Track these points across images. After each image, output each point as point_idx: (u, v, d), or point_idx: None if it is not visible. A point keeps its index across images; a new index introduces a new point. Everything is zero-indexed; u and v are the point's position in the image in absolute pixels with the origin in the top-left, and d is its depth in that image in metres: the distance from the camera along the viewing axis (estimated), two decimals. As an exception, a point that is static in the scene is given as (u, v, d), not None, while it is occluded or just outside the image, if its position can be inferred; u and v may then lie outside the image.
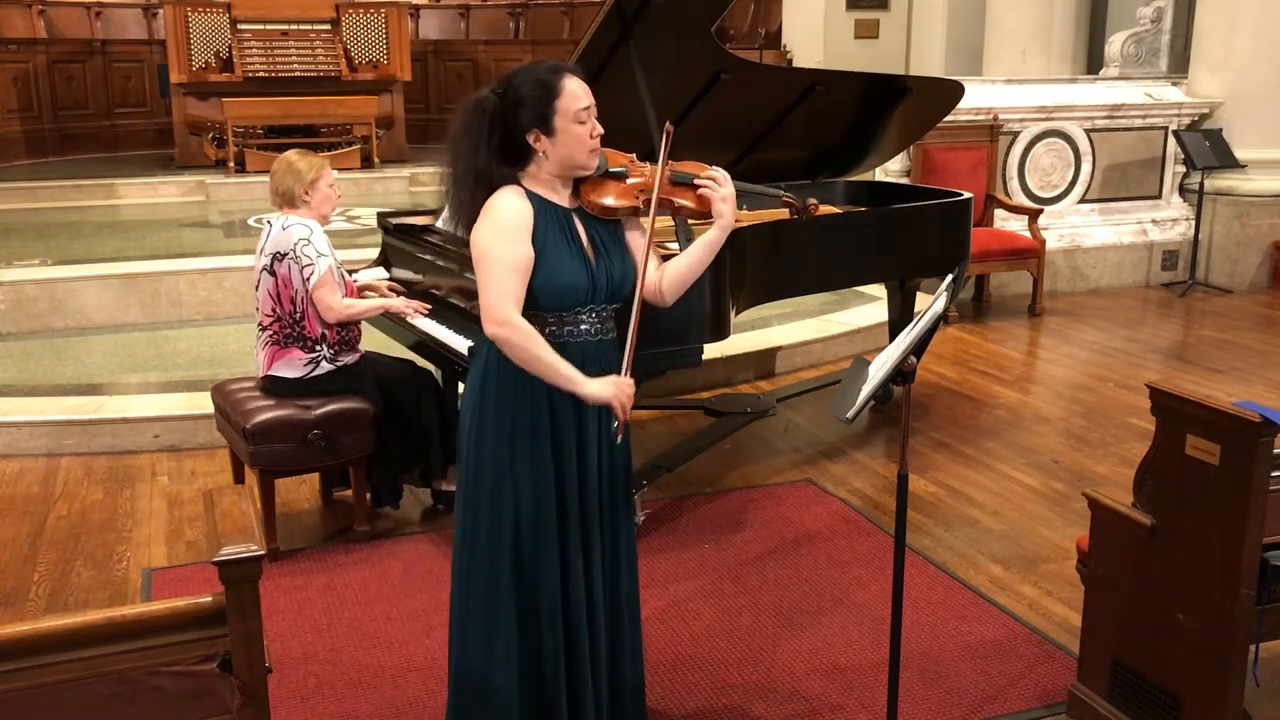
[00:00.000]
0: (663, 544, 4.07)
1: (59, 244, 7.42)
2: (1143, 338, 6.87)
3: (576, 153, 2.51)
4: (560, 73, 2.50)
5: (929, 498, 4.51)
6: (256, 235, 7.90)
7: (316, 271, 3.92)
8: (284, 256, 3.93)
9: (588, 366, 2.56)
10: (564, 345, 2.55)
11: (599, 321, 2.61)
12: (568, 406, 2.57)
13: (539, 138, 2.49)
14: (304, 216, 4.00)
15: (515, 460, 2.55)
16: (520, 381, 2.53)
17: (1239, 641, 2.62)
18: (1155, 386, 2.75)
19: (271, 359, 4.02)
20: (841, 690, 3.19)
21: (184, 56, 9.94)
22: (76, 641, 1.71)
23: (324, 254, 3.95)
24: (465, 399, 2.66)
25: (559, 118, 2.47)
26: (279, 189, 4.02)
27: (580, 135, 2.50)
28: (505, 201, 2.50)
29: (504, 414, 2.55)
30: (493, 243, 2.47)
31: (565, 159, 2.52)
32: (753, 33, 11.66)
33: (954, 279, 3.00)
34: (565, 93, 2.47)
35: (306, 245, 3.92)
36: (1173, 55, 8.78)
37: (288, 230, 3.95)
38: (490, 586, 2.59)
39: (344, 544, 4.10)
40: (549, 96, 2.47)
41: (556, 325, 2.55)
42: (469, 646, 2.64)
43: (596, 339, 2.60)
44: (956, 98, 5.24)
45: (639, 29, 3.93)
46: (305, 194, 3.99)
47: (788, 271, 4.43)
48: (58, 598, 3.73)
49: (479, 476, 2.59)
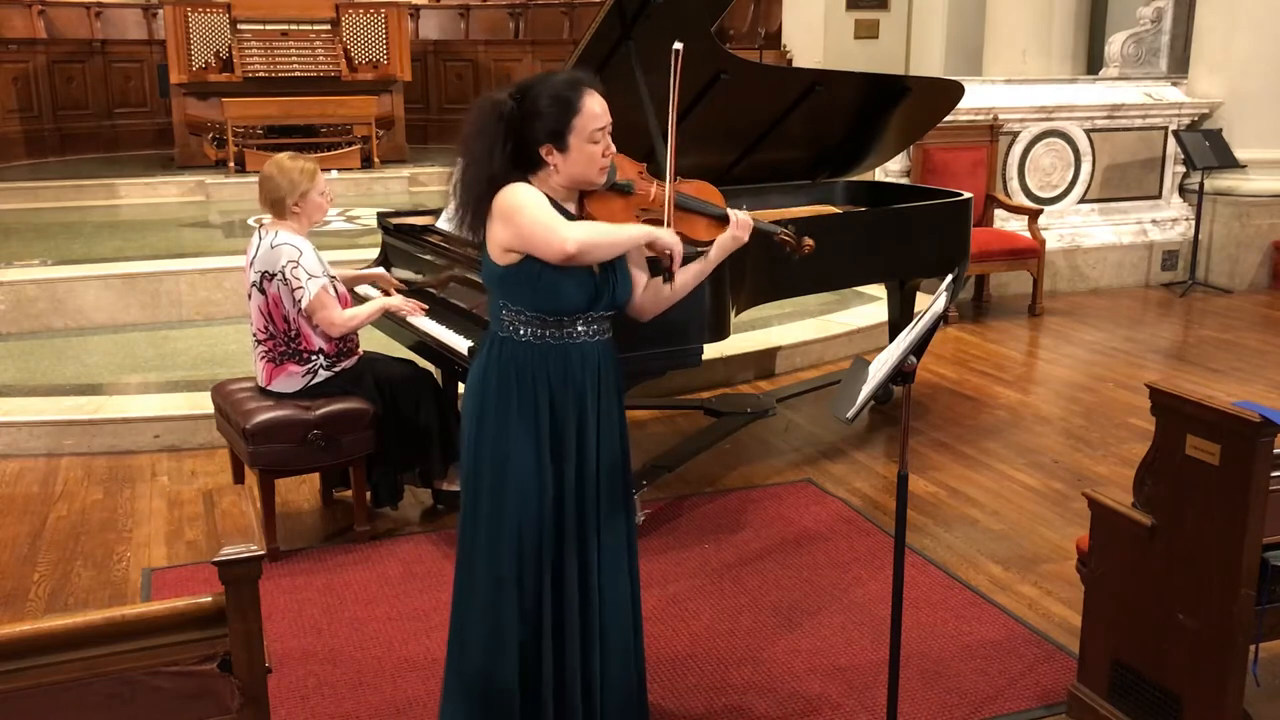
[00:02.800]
0: (663, 544, 4.06)
1: (59, 244, 7.42)
2: (1143, 338, 6.87)
3: (587, 170, 2.53)
4: (580, 89, 2.49)
5: (929, 498, 4.51)
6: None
7: (307, 294, 3.87)
8: (273, 277, 3.90)
9: (585, 362, 2.58)
10: (563, 347, 2.56)
11: (596, 323, 2.62)
12: (569, 401, 2.58)
13: (551, 152, 2.49)
14: (292, 231, 3.93)
15: (518, 454, 2.56)
16: (522, 377, 2.55)
17: (1239, 641, 2.62)
18: (1155, 386, 2.75)
19: (270, 376, 4.02)
20: (841, 690, 3.19)
21: (184, 56, 9.94)
22: (76, 641, 1.71)
23: (315, 275, 3.89)
24: (467, 394, 2.67)
25: (574, 136, 2.47)
26: (269, 197, 3.94)
27: (593, 154, 2.50)
28: (523, 187, 2.51)
29: (506, 408, 2.56)
30: (525, 198, 2.48)
31: (575, 176, 2.53)
32: (753, 33, 11.66)
33: (954, 279, 3.01)
34: (584, 111, 2.47)
35: (295, 268, 3.87)
36: (1173, 55, 8.78)
37: (276, 250, 3.88)
38: (493, 583, 2.60)
39: (344, 544, 4.10)
40: (568, 114, 2.46)
41: (556, 328, 2.56)
42: (471, 643, 2.64)
43: (595, 340, 2.62)
44: (956, 98, 5.24)
45: (639, 29, 3.93)
46: (295, 205, 3.93)
47: (787, 272, 4.43)
48: (58, 598, 3.73)
49: (481, 472, 2.60)
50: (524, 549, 2.59)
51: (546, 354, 2.56)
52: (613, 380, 2.67)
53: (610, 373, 2.66)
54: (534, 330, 2.56)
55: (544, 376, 2.56)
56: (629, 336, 3.69)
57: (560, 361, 2.57)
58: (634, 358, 3.78)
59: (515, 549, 2.59)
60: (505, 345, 2.58)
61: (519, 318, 2.56)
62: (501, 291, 2.57)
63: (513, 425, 2.57)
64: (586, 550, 2.66)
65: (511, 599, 2.59)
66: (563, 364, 2.58)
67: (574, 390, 2.59)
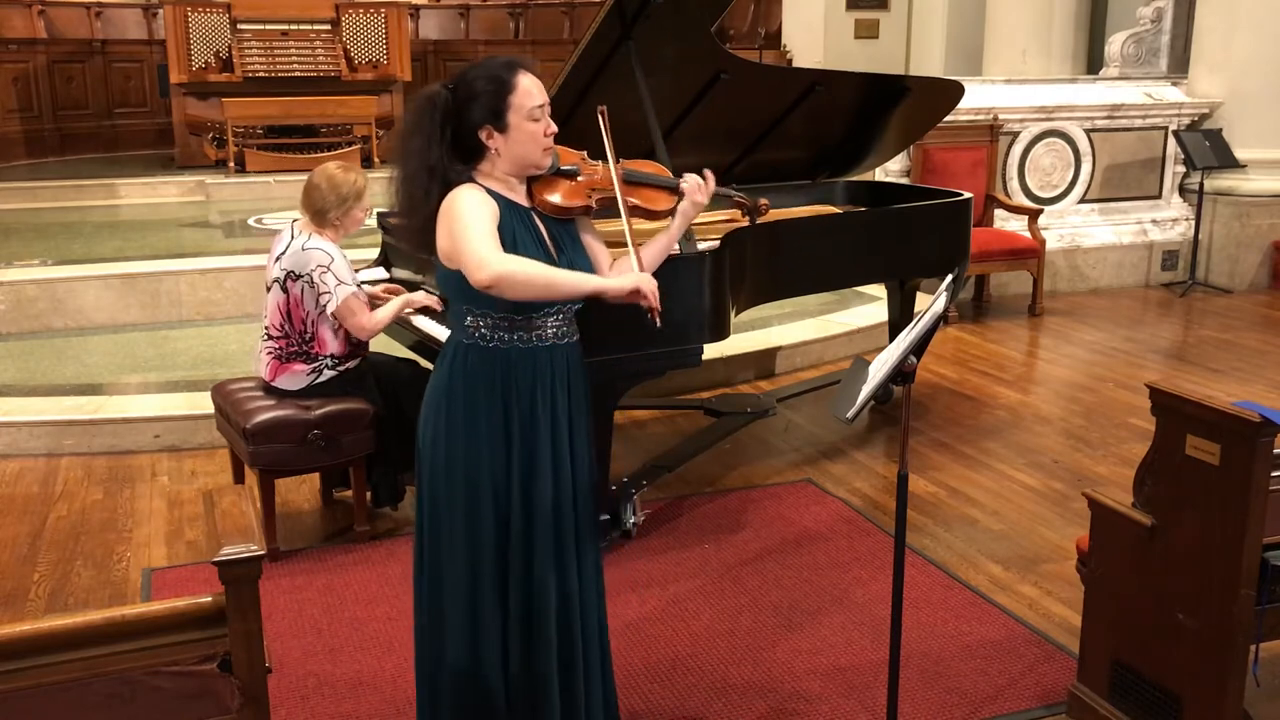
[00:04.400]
0: (663, 544, 4.06)
1: (59, 244, 7.41)
2: (1143, 338, 6.87)
3: (530, 150, 2.46)
4: (515, 69, 2.45)
5: (929, 498, 4.51)
6: (257, 235, 7.89)
7: (335, 299, 3.87)
8: (299, 278, 3.90)
9: (554, 367, 2.51)
10: (532, 351, 2.48)
11: (563, 324, 2.54)
12: (540, 413, 2.49)
13: (491, 134, 2.44)
14: (327, 239, 3.94)
15: (487, 474, 2.47)
16: (491, 388, 2.46)
17: (1239, 641, 2.62)
18: (1155, 386, 2.75)
19: (274, 372, 4.02)
20: (841, 690, 3.19)
21: (184, 56, 9.94)
22: (76, 641, 1.71)
23: (344, 281, 3.89)
24: (426, 407, 2.55)
25: (512, 114, 2.42)
26: (313, 205, 3.93)
27: (534, 133, 2.45)
28: (468, 193, 2.44)
29: (473, 423, 2.47)
30: (465, 208, 2.40)
31: (518, 157, 2.47)
32: (753, 33, 11.66)
33: (954, 279, 3.01)
34: (519, 89, 2.42)
35: (325, 273, 3.87)
36: (1173, 55, 8.78)
37: (307, 253, 3.89)
38: (461, 627, 2.50)
39: (344, 544, 4.10)
40: (502, 92, 2.42)
41: (524, 329, 2.47)
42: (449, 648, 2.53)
43: (565, 342, 2.54)
44: (956, 98, 5.24)
45: (639, 28, 3.93)
46: (337, 219, 3.94)
47: (788, 271, 4.43)
48: (58, 598, 3.73)
49: (440, 497, 2.50)
50: (485, 587, 2.49)
51: (515, 360, 2.47)
52: (582, 386, 2.60)
53: (580, 379, 2.58)
54: (502, 334, 2.46)
55: (513, 386, 2.47)
56: (629, 336, 3.71)
57: (529, 368, 2.48)
58: (634, 358, 3.79)
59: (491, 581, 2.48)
60: (471, 353, 2.49)
61: (485, 321, 2.47)
62: (463, 295, 2.46)
63: (481, 443, 2.46)
64: (566, 580, 2.55)
65: (480, 643, 2.49)
66: (531, 371, 2.48)
67: (545, 399, 2.49)
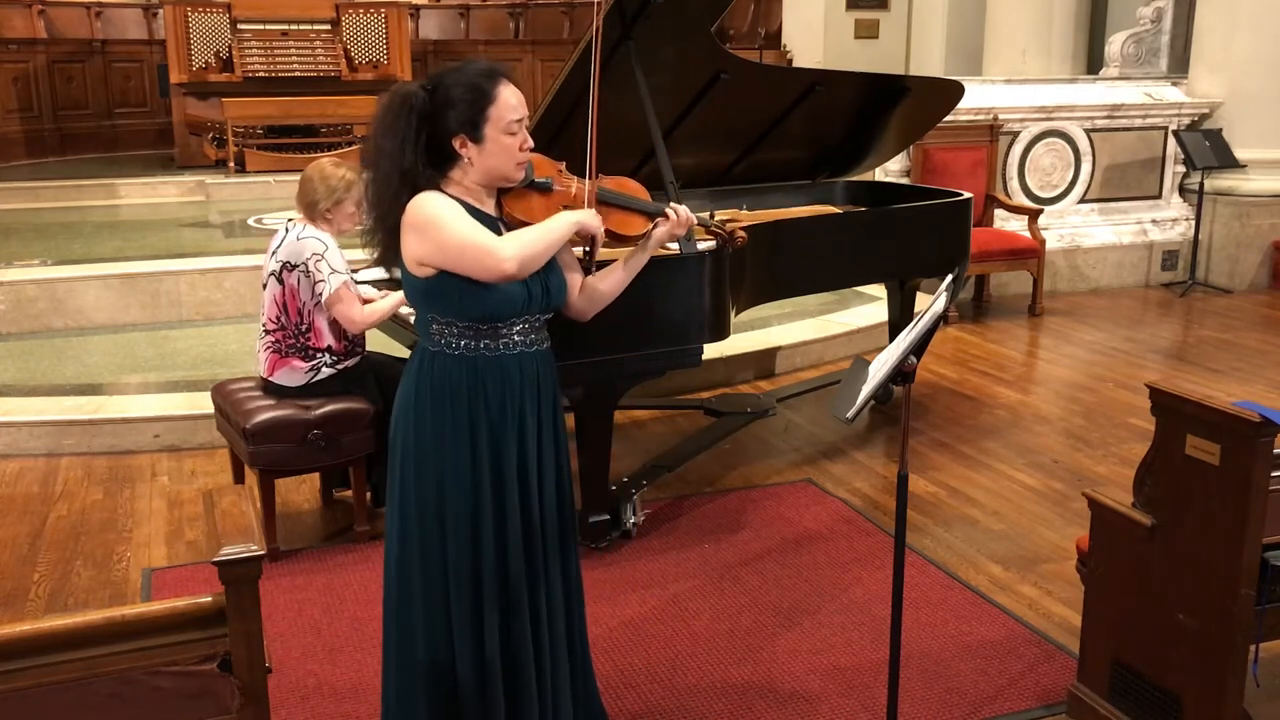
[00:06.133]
0: (663, 544, 4.06)
1: (59, 244, 7.41)
2: (1143, 338, 6.87)
3: (503, 164, 2.40)
4: (496, 78, 2.38)
5: (929, 498, 4.51)
6: (257, 235, 7.90)
7: (329, 288, 3.88)
8: (294, 268, 3.91)
9: (524, 375, 2.46)
10: (499, 359, 2.43)
11: (531, 331, 2.48)
12: (508, 422, 2.44)
13: (465, 144, 2.37)
14: (322, 230, 3.97)
15: (455, 486, 2.43)
16: (457, 397, 2.42)
17: (1239, 641, 2.62)
18: (1155, 386, 2.75)
19: (273, 366, 4.02)
20: (841, 690, 3.19)
21: (184, 56, 9.96)
22: (76, 641, 1.71)
23: (337, 270, 3.90)
24: (395, 418, 2.51)
25: (489, 126, 2.36)
26: (305, 199, 3.97)
27: (509, 147, 2.38)
28: (436, 196, 2.37)
29: (439, 433, 2.43)
30: (441, 210, 2.34)
31: (491, 169, 2.41)
32: (753, 33, 11.67)
33: (954, 279, 3.01)
34: (499, 101, 2.36)
35: (320, 261, 3.89)
36: (1173, 55, 8.78)
37: (302, 242, 3.91)
38: (431, 643, 2.47)
39: (344, 544, 4.10)
40: (481, 103, 2.35)
41: (491, 338, 2.42)
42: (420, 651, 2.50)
43: (534, 349, 2.49)
44: (956, 98, 5.24)
45: (639, 29, 3.93)
46: (328, 212, 3.96)
47: (788, 271, 4.43)
48: (58, 598, 3.73)
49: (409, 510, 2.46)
50: (463, 602, 2.44)
51: (483, 369, 2.41)
52: (553, 394, 2.54)
53: (551, 386, 2.53)
54: (468, 342, 2.41)
55: (481, 395, 2.41)
56: (629, 337, 3.72)
57: (498, 376, 2.42)
58: (634, 358, 3.79)
59: (462, 597, 2.44)
60: (438, 361, 2.43)
61: (450, 330, 2.42)
62: (426, 304, 2.43)
63: (447, 454, 2.42)
64: (536, 595, 2.50)
65: (469, 590, 2.45)
66: (500, 379, 2.43)
67: (514, 408, 2.44)
